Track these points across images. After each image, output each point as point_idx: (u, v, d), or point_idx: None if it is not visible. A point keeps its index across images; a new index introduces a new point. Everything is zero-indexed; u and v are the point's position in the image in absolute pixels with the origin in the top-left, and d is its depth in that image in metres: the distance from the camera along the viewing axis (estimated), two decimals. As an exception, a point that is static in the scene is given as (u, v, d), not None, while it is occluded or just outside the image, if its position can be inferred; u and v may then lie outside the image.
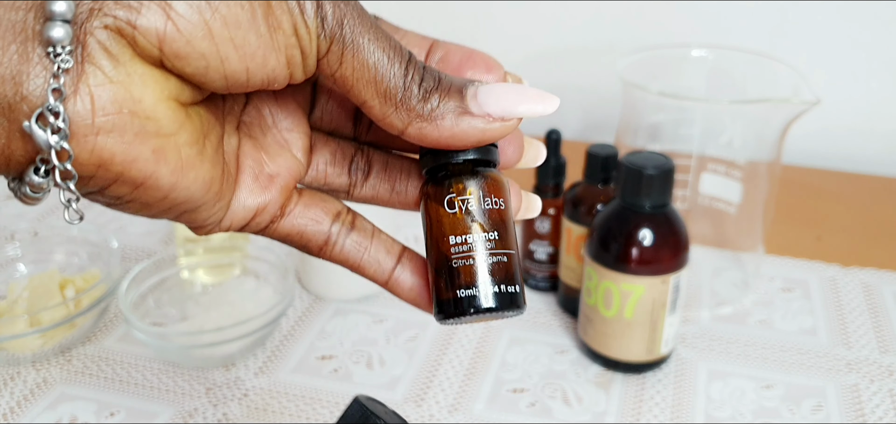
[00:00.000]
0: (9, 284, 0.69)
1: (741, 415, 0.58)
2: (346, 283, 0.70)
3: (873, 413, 0.58)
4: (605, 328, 0.60)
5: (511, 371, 0.62)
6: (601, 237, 0.58)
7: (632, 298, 0.57)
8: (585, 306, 0.61)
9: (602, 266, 0.58)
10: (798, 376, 0.62)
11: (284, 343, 0.65)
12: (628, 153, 0.58)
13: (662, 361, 0.61)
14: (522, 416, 0.58)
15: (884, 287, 0.72)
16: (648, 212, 0.57)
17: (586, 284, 0.60)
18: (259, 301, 0.66)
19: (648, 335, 0.59)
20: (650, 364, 0.61)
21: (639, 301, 0.57)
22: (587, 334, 0.61)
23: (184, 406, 0.59)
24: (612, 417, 0.58)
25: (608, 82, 1.02)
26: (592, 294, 0.60)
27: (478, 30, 1.04)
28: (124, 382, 0.61)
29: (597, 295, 0.59)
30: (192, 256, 0.71)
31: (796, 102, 0.60)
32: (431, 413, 0.58)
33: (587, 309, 0.61)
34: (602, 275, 0.58)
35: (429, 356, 0.63)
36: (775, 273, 0.74)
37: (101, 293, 0.64)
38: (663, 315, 0.58)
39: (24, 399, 0.60)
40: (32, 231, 0.73)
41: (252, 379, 0.61)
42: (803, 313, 0.69)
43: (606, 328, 0.59)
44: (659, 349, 0.60)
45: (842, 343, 0.65)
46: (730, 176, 0.65)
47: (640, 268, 0.57)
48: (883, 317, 0.68)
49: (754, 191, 0.66)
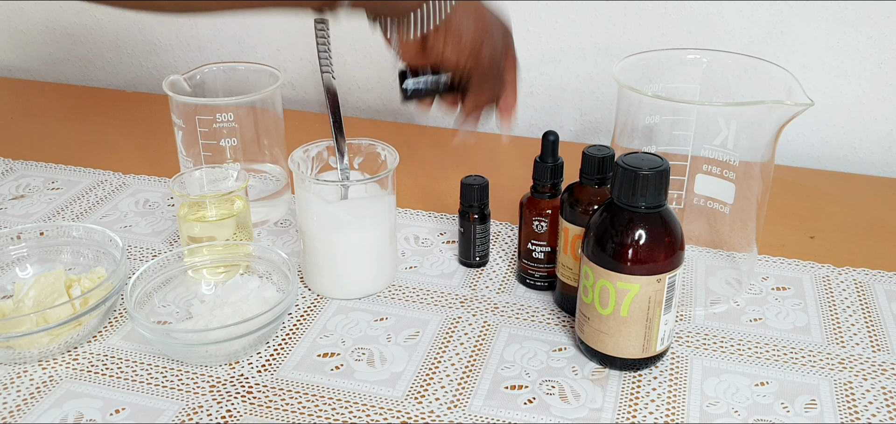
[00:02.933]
0: (15, 283, 0.70)
1: (735, 412, 0.59)
2: (347, 282, 0.71)
3: (866, 409, 0.59)
4: (601, 326, 0.61)
5: (509, 368, 0.63)
6: (597, 237, 0.59)
7: (628, 296, 0.59)
8: (582, 304, 0.62)
9: (598, 265, 0.59)
10: (792, 373, 0.63)
11: (287, 341, 0.66)
12: (624, 154, 0.59)
13: (658, 358, 0.62)
14: (521, 412, 0.59)
15: (876, 286, 0.73)
16: (644, 212, 0.58)
17: (583, 282, 0.61)
18: (262, 300, 0.67)
19: (644, 332, 0.60)
20: (646, 361, 0.62)
21: (634, 300, 0.59)
22: (584, 332, 0.62)
23: (188, 403, 0.60)
24: (609, 413, 0.59)
25: (604, 85, 1.03)
26: (589, 293, 0.61)
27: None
28: (129, 379, 0.62)
29: (593, 294, 0.60)
30: (196, 255, 0.72)
31: (790, 104, 0.61)
32: (431, 409, 0.59)
33: (584, 307, 0.62)
34: (598, 274, 0.59)
35: (429, 354, 0.65)
36: (769, 272, 0.75)
37: (107, 292, 0.65)
38: (659, 314, 0.59)
39: (30, 396, 0.61)
40: (38, 231, 0.74)
41: (255, 376, 0.62)
42: (797, 311, 0.70)
43: (603, 325, 0.60)
44: (654, 347, 0.61)
45: (835, 341, 0.66)
46: (724, 177, 0.66)
47: (636, 267, 0.58)
48: (876, 315, 0.69)
49: (748, 191, 0.67)
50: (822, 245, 0.79)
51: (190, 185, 0.74)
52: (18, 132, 1.04)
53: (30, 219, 0.83)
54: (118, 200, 0.87)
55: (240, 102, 0.77)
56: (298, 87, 1.15)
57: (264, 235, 0.81)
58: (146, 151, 0.98)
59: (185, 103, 0.77)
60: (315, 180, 0.71)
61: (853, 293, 0.72)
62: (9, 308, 0.67)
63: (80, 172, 0.93)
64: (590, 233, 0.60)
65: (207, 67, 0.82)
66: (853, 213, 0.86)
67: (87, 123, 1.07)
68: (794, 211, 0.85)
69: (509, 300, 0.71)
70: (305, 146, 0.72)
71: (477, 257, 0.75)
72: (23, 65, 1.27)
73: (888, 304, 0.71)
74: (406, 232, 0.81)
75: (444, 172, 0.92)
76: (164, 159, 0.93)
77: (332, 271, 0.70)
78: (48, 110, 1.11)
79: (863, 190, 0.91)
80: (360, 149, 0.73)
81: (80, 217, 0.84)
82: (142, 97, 1.16)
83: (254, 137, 0.80)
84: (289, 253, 0.75)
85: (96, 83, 1.24)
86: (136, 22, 1.18)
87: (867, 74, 0.94)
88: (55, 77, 1.26)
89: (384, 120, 1.13)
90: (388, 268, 0.72)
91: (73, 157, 0.96)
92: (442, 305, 0.70)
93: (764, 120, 0.64)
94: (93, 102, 1.14)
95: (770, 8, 0.94)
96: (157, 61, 1.20)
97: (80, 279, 0.68)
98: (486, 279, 0.74)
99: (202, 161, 0.78)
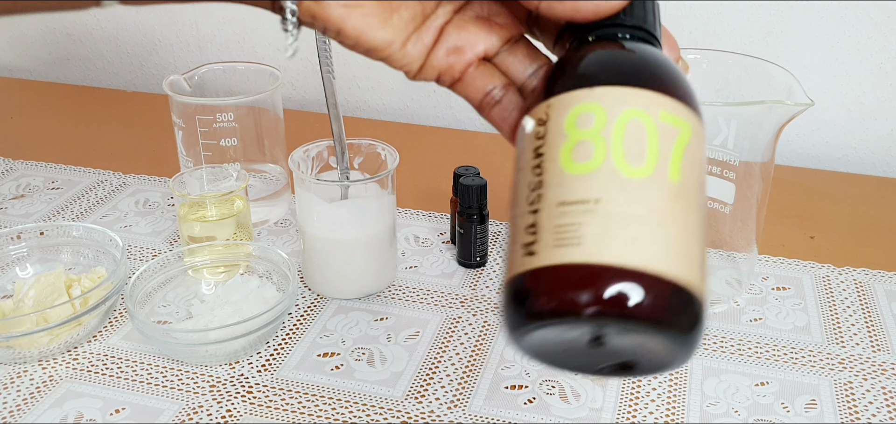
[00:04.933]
0: (15, 283, 0.70)
1: (736, 412, 0.59)
2: (347, 282, 0.71)
3: (866, 410, 0.59)
4: (629, 206, 0.57)
5: (509, 368, 0.63)
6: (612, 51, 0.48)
7: (678, 140, 0.55)
8: (565, 179, 0.56)
9: (619, 85, 0.50)
10: (792, 373, 0.63)
11: (287, 341, 0.66)
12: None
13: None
14: (521, 412, 0.59)
15: (877, 286, 0.73)
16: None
17: (576, 136, 0.54)
18: (262, 300, 0.67)
19: (704, 228, 0.57)
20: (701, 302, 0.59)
21: (686, 149, 0.55)
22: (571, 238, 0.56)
23: (188, 403, 0.60)
24: (609, 413, 0.59)
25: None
26: (599, 148, 0.55)
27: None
28: (129, 379, 0.62)
29: (607, 143, 0.55)
30: (196, 255, 0.72)
31: (790, 104, 0.61)
32: (431, 409, 0.59)
33: (569, 186, 0.55)
34: (619, 100, 0.52)
35: (429, 354, 0.65)
36: (769, 272, 0.75)
37: (107, 292, 0.65)
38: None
39: (30, 396, 0.61)
40: (38, 231, 0.74)
41: (255, 376, 0.62)
42: (797, 311, 0.70)
43: (632, 203, 0.57)
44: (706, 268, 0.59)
45: (835, 341, 0.66)
46: (724, 177, 0.66)
47: (690, 96, 0.51)
48: (876, 316, 0.69)
49: (748, 191, 0.67)
50: (823, 245, 0.80)
51: (190, 185, 0.74)
52: (18, 132, 1.04)
53: (30, 219, 0.83)
54: (118, 200, 0.87)
55: (240, 102, 0.77)
56: (298, 87, 1.15)
57: (264, 235, 0.81)
58: (146, 151, 0.98)
59: (185, 103, 0.77)
60: (315, 179, 0.71)
61: (853, 293, 0.72)
62: (9, 308, 0.67)
63: (80, 171, 0.93)
64: (593, 62, 0.34)
65: (207, 67, 0.82)
66: (853, 213, 0.86)
67: (87, 123, 1.07)
68: (795, 211, 0.85)
69: (509, 300, 0.71)
70: (305, 146, 0.72)
71: (477, 257, 0.75)
72: (23, 65, 1.27)
73: (888, 304, 0.71)
74: (406, 232, 0.81)
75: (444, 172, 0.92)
76: (164, 159, 0.93)
77: (332, 270, 0.70)
78: (48, 110, 1.11)
79: (863, 190, 0.91)
80: (360, 149, 0.73)
81: (80, 217, 0.84)
82: (142, 97, 1.16)
83: (254, 137, 0.80)
84: (289, 253, 0.75)
85: (96, 83, 1.24)
86: (136, 22, 1.18)
87: (868, 74, 0.94)
88: (55, 77, 1.26)
89: (384, 120, 1.13)
90: (388, 268, 0.72)
91: (73, 157, 0.96)
92: (442, 305, 0.70)
93: (764, 120, 0.64)
94: (93, 102, 1.14)
95: (770, 8, 0.94)
96: (157, 61, 1.20)
97: (80, 279, 0.68)
98: (486, 279, 0.74)
99: (202, 161, 0.78)
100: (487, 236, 0.75)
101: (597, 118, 0.30)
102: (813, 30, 0.93)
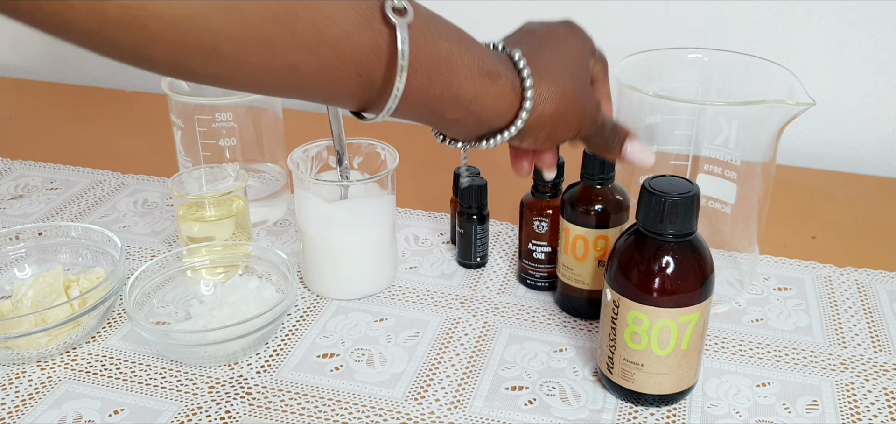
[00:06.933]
0: (14, 283, 0.70)
1: (737, 413, 0.59)
2: (347, 282, 0.70)
3: (868, 410, 0.59)
4: (660, 368, 0.57)
5: (510, 368, 0.63)
6: (661, 279, 0.55)
7: (689, 329, 0.56)
8: (627, 352, 0.58)
9: (658, 307, 0.55)
10: (793, 374, 0.63)
11: (287, 342, 0.66)
12: (650, 177, 0.56)
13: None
14: (521, 413, 0.59)
15: (878, 286, 0.73)
16: (684, 237, 0.55)
17: (632, 329, 0.57)
18: (262, 300, 0.66)
19: (699, 357, 0.59)
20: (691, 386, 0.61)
21: (694, 330, 0.56)
22: (633, 380, 0.58)
23: (187, 404, 0.60)
24: (609, 414, 0.59)
25: (606, 84, 1.03)
26: (643, 339, 0.57)
27: (477, 31, 1.05)
28: (128, 380, 0.62)
29: (650, 338, 0.56)
30: (195, 255, 0.71)
31: (791, 104, 0.61)
32: (432, 410, 0.59)
33: (631, 354, 0.57)
34: (657, 316, 0.55)
35: (429, 355, 0.64)
36: (770, 273, 0.74)
37: (106, 293, 0.65)
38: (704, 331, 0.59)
39: (28, 396, 0.61)
40: (37, 231, 0.74)
41: (255, 377, 0.62)
42: (798, 311, 0.69)
43: (662, 367, 0.57)
44: (700, 363, 0.60)
45: (837, 342, 0.66)
46: (725, 177, 0.66)
47: (697, 293, 0.55)
48: (877, 316, 0.69)
49: (749, 191, 0.66)
50: (824, 245, 0.79)
51: (189, 185, 0.74)
52: (17, 132, 1.04)
53: (28, 219, 0.83)
54: (117, 200, 0.87)
55: (239, 101, 0.77)
56: (298, 86, 1.14)
57: (263, 235, 0.81)
58: (145, 151, 0.98)
59: (184, 103, 0.77)
60: (315, 179, 0.71)
61: (855, 293, 0.72)
62: (7, 309, 0.67)
63: (79, 171, 0.92)
64: (643, 277, 0.55)
65: (207, 67, 0.81)
66: (855, 213, 0.86)
67: (87, 123, 1.07)
68: (796, 211, 0.85)
69: (510, 301, 0.71)
70: (305, 146, 0.71)
71: (477, 257, 0.75)
72: (22, 64, 1.26)
73: (890, 304, 0.70)
74: (406, 232, 0.81)
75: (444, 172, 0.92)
76: (163, 159, 0.93)
77: (331, 271, 0.70)
78: (47, 110, 1.11)
79: (864, 190, 0.91)
80: (360, 149, 0.73)
81: (79, 217, 0.84)
82: (141, 97, 1.15)
83: (253, 137, 0.79)
84: (288, 253, 0.75)
85: (96, 83, 1.24)
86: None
87: (869, 74, 0.94)
88: (54, 77, 1.25)
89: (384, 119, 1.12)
90: (387, 268, 0.72)
91: (72, 157, 0.95)
92: (442, 305, 0.70)
93: (765, 120, 0.63)
94: (92, 102, 1.14)
95: (771, 7, 0.93)
96: (156, 61, 1.20)
97: (79, 280, 0.68)
98: (486, 280, 0.74)
99: (201, 161, 0.78)
100: (488, 237, 0.75)
101: (645, 322, 0.56)
102: (814, 29, 0.93)
